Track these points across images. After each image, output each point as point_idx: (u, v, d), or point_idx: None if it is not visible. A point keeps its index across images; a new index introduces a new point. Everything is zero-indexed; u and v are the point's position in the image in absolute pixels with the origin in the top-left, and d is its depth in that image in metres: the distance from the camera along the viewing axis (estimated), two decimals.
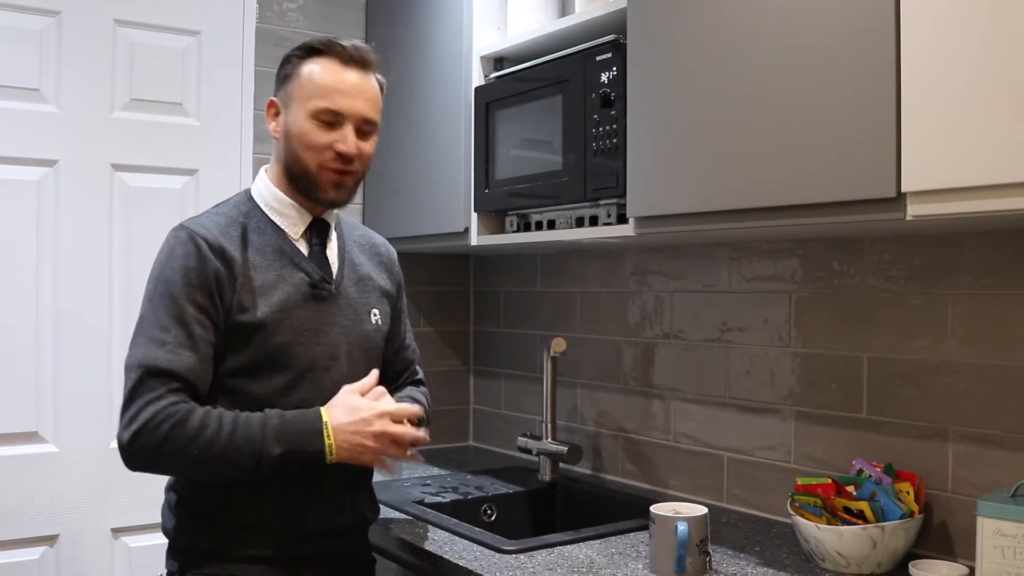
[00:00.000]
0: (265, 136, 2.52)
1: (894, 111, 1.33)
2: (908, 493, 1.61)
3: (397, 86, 2.55)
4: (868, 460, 1.73)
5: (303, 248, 1.64)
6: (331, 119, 1.57)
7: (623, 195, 1.81)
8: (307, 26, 2.61)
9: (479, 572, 1.59)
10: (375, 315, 1.72)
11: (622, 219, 1.86)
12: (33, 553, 2.23)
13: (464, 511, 2.09)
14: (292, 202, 1.63)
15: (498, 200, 2.17)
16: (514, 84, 2.13)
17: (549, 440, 2.29)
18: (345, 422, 1.51)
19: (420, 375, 1.89)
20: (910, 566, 1.47)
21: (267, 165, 1.70)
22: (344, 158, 1.58)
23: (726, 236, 1.89)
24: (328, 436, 1.49)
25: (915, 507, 1.60)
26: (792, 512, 1.62)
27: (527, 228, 2.16)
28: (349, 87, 1.58)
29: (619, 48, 1.83)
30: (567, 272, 2.53)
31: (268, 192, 1.65)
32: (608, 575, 1.56)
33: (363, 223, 2.71)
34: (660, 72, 1.71)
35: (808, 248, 1.90)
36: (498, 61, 2.29)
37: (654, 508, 1.58)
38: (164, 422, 1.44)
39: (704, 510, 1.57)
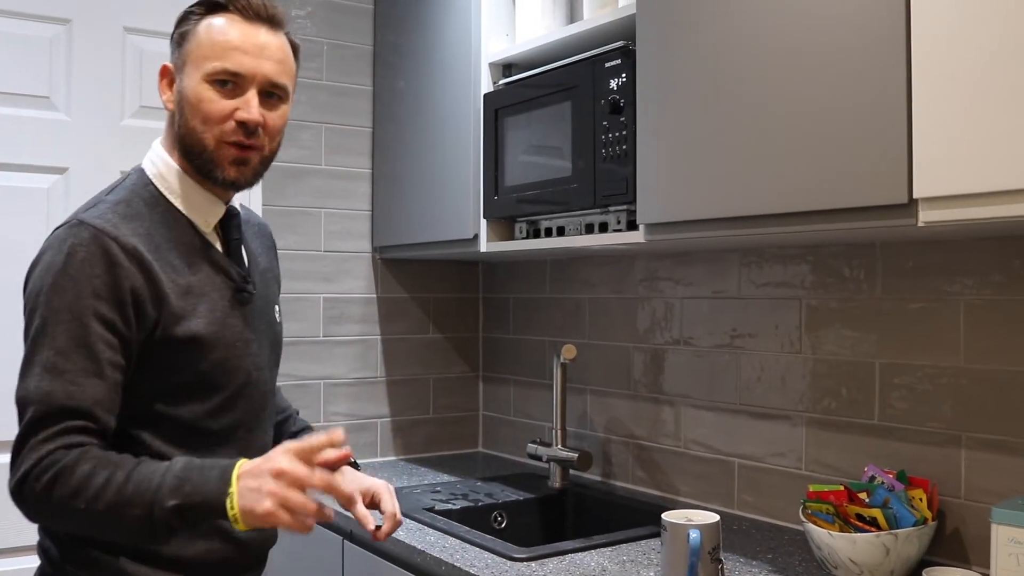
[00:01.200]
0: None
1: (905, 117, 1.32)
2: (921, 500, 1.61)
3: (405, 92, 2.55)
4: (880, 467, 1.73)
5: (218, 245, 1.43)
6: (231, 80, 1.34)
7: (633, 201, 1.81)
8: (315, 33, 2.62)
9: None
10: (277, 311, 1.56)
11: (632, 225, 1.85)
12: (34, 561, 2.22)
13: (474, 518, 2.09)
14: (202, 189, 1.41)
15: (507, 207, 2.17)
16: (523, 90, 2.13)
17: (559, 447, 2.29)
18: (250, 467, 1.20)
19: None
20: (923, 573, 1.46)
21: (160, 138, 1.45)
22: (246, 128, 1.35)
23: (736, 242, 1.89)
24: (232, 483, 1.18)
25: (928, 514, 1.59)
26: (804, 519, 1.61)
27: (536, 235, 2.15)
28: (252, 46, 1.35)
29: (628, 54, 1.83)
30: (576, 278, 2.53)
31: (172, 175, 1.40)
32: None
33: (371, 230, 2.72)
34: (670, 78, 1.71)
35: (819, 254, 1.90)
36: (507, 67, 2.29)
37: (666, 516, 1.57)
38: (46, 471, 1.19)
39: (716, 517, 1.57)
